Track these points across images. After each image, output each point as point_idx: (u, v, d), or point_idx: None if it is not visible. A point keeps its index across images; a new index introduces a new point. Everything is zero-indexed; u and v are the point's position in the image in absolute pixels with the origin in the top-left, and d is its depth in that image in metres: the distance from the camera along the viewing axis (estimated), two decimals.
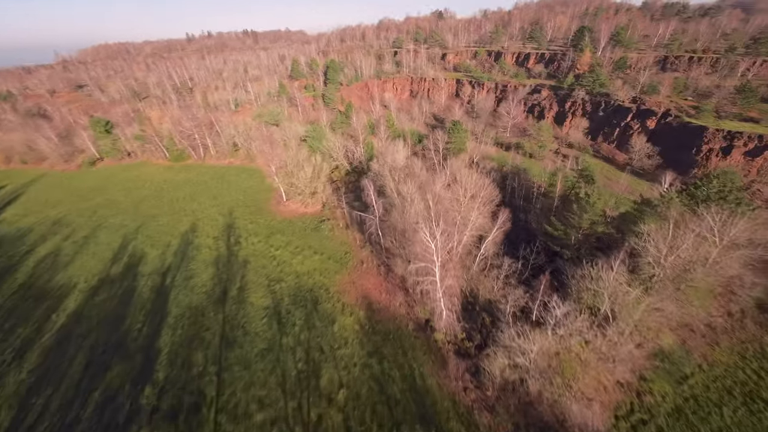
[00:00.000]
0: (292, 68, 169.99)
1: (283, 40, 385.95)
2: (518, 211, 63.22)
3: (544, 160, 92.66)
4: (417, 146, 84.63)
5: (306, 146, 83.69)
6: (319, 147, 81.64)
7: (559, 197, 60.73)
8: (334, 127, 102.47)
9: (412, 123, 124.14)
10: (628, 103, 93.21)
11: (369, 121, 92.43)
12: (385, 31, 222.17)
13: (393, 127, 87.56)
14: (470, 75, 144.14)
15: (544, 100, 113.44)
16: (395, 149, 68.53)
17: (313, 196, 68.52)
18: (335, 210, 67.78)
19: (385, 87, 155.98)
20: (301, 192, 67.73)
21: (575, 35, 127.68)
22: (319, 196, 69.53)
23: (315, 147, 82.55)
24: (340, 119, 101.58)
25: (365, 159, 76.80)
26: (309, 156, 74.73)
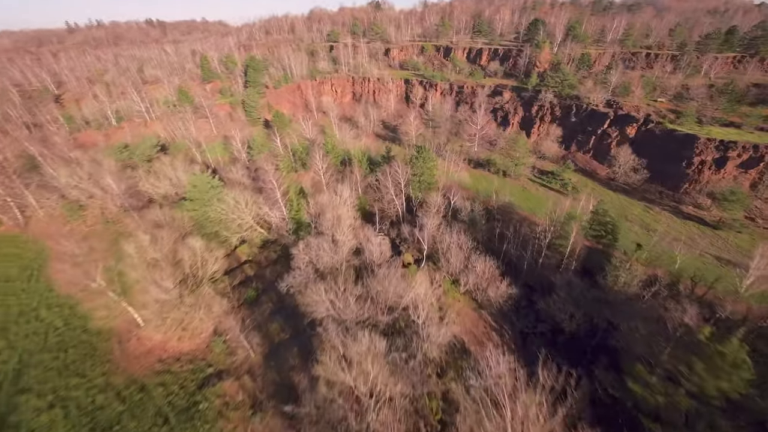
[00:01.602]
0: (202, 67, 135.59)
1: (199, 32, 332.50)
2: (523, 285, 44.82)
3: (521, 179, 77.39)
4: (369, 176, 62.77)
5: (188, 208, 51.56)
6: (206, 215, 49.30)
7: (578, 259, 43.85)
8: (252, 149, 75.59)
9: (358, 136, 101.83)
10: (603, 107, 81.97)
11: (299, 145, 67.58)
12: (317, 23, 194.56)
13: (334, 150, 64.20)
14: (420, 74, 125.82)
15: (507, 103, 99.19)
16: (336, 205, 45.46)
17: (184, 324, 37.35)
18: (236, 350, 37.17)
19: (322, 89, 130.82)
20: (166, 313, 37.30)
21: (528, 29, 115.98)
22: (199, 321, 37.93)
23: (200, 217, 49.87)
24: (259, 141, 74.91)
25: (291, 226, 50.10)
26: (182, 237, 45.65)
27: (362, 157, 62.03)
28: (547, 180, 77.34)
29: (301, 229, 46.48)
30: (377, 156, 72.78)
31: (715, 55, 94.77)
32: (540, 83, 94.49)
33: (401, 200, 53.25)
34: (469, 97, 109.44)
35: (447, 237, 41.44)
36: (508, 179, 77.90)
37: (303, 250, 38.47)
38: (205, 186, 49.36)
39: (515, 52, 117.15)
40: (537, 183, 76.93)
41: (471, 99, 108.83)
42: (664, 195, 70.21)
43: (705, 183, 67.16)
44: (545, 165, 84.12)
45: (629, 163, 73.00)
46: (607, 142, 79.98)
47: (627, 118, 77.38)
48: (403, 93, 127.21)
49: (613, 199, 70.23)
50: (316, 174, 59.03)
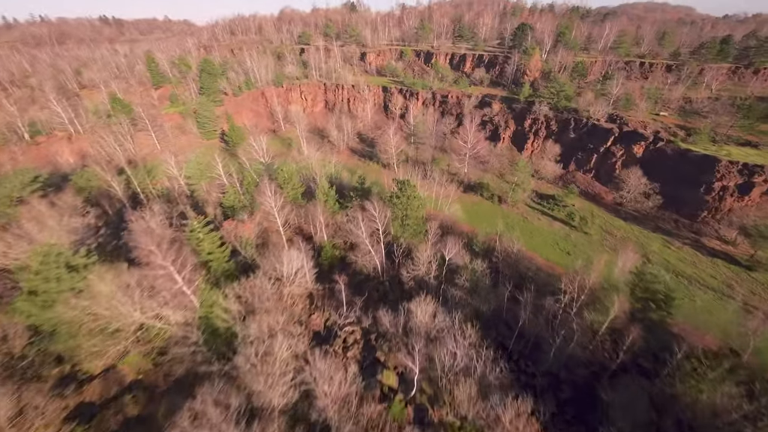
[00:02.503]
0: (150, 70, 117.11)
1: (161, 32, 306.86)
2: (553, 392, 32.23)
3: (518, 206, 66.12)
4: (338, 214, 48.90)
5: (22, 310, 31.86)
6: (58, 319, 30.64)
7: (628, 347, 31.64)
8: (190, 177, 59.67)
9: (329, 153, 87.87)
10: (606, 122, 72.56)
11: (253, 169, 52.61)
12: (287, 24, 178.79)
13: (291, 181, 49.75)
14: (399, 81, 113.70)
15: (497, 115, 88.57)
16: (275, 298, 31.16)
17: None
18: None
19: (290, 97, 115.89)
20: None
21: (514, 35, 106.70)
22: None
23: (45, 323, 31.40)
24: (196, 165, 59.09)
25: (199, 336, 31.44)
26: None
27: (328, 191, 48.15)
28: (548, 206, 66.65)
29: (217, 340, 31.14)
30: (350, 182, 59.17)
31: (715, 65, 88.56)
32: (533, 94, 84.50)
33: (380, 253, 40.08)
34: (455, 107, 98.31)
35: (447, 340, 28.36)
36: (505, 206, 66.58)
37: (211, 388, 23.72)
38: (53, 267, 30.65)
39: (501, 58, 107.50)
40: (537, 210, 66.03)
41: (457, 109, 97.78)
42: (680, 224, 61.00)
43: (727, 211, 58.44)
44: (542, 186, 73.76)
45: (640, 187, 63.54)
46: (612, 161, 70.53)
47: (633, 136, 68.20)
48: (382, 102, 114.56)
49: (626, 230, 60.24)
50: (267, 219, 44.56)
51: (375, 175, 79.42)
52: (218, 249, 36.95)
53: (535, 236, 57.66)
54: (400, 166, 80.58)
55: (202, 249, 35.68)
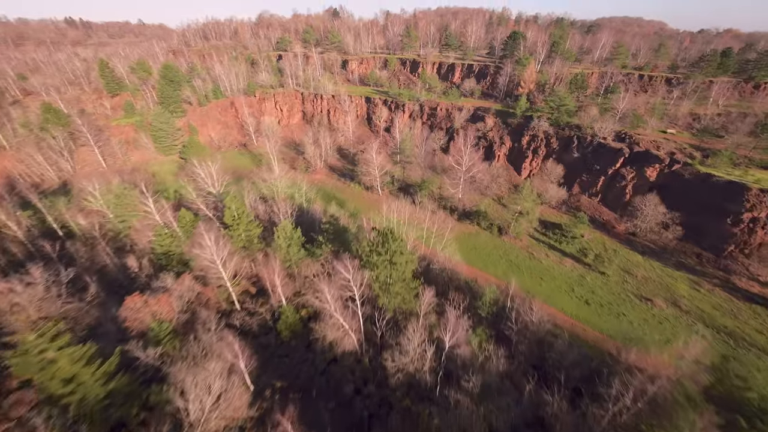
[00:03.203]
0: (103, 76, 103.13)
1: (132, 35, 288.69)
2: None
3: (522, 238, 56.55)
4: (301, 263, 37.63)
5: None
6: None
7: None
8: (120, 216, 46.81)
9: (303, 173, 76.82)
10: (614, 141, 64.53)
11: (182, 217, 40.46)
12: (265, 29, 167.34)
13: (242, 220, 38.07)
14: (383, 91, 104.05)
15: (491, 131, 79.75)
16: None
17: None
18: None
19: (264, 107, 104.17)
20: None
21: (506, 44, 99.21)
22: None
23: None
24: (122, 195, 46.19)
25: None
26: None
27: (292, 234, 36.58)
28: (555, 238, 57.49)
29: None
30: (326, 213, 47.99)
31: (718, 79, 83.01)
32: (530, 108, 76.21)
33: (357, 331, 29.18)
34: (444, 120, 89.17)
35: None
36: (506, 238, 56.94)
37: None
38: None
39: (493, 69, 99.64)
40: (543, 243, 56.72)
41: (446, 123, 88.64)
42: (704, 260, 52.87)
43: (757, 246, 50.66)
44: (546, 212, 64.81)
45: (657, 217, 55.25)
46: (621, 185, 62.37)
47: (646, 157, 60.30)
48: (365, 113, 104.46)
49: (646, 268, 51.53)
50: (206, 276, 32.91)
51: (356, 201, 68.66)
52: (86, 369, 21.47)
53: (545, 279, 48.01)
54: (385, 188, 70.14)
55: (51, 376, 20.65)
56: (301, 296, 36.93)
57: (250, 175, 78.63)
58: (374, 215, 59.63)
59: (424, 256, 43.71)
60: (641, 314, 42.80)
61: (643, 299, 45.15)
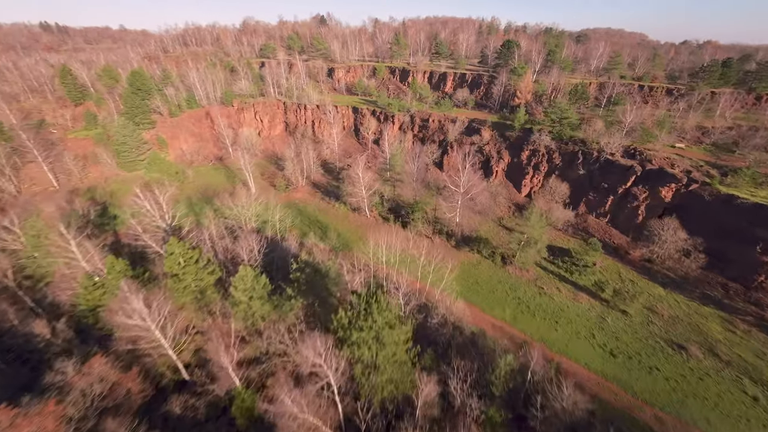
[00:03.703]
0: (64, 83, 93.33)
1: (111, 41, 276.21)
2: None
3: (530, 270, 49.50)
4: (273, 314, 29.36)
5: None
6: None
7: None
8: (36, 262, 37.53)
9: (284, 190, 68.81)
10: (623, 158, 58.69)
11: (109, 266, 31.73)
12: (250, 36, 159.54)
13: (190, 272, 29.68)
14: (371, 101, 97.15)
15: (488, 145, 73.37)
16: None
17: None
18: None
19: (242, 118, 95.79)
20: None
21: (500, 52, 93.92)
22: None
23: None
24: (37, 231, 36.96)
25: None
26: None
27: (254, 282, 28.35)
28: (565, 267, 50.71)
29: None
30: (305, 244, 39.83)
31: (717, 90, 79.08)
32: (529, 121, 70.22)
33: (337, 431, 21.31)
34: (437, 133, 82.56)
35: None
36: (511, 269, 49.82)
37: None
38: None
39: (486, 78, 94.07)
40: (553, 274, 49.77)
41: (439, 136, 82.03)
42: (731, 292, 46.81)
43: None
44: (551, 235, 58.02)
45: (678, 243, 49.10)
46: (633, 205, 56.36)
47: (660, 176, 54.49)
48: (352, 124, 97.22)
49: (671, 303, 45.04)
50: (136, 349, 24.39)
51: (341, 224, 60.72)
52: None
53: (561, 322, 40.85)
54: (374, 209, 62.48)
55: None
56: (265, 364, 28.62)
57: (222, 194, 70.00)
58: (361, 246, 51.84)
59: (420, 304, 35.95)
60: (677, 367, 35.95)
61: (675, 346, 38.40)
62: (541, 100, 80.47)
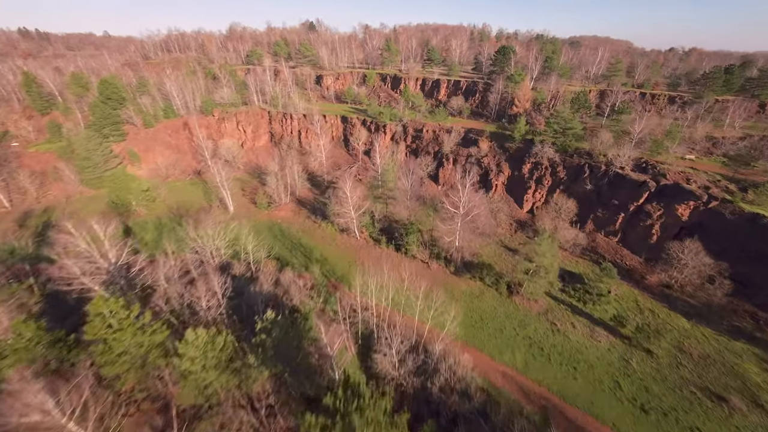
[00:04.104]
0: (28, 92, 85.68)
1: (94, 47, 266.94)
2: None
3: (539, 300, 43.77)
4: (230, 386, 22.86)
5: None
6: None
7: None
8: None
9: (266, 208, 62.24)
10: (633, 172, 53.78)
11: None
12: (236, 42, 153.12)
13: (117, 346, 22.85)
14: (362, 109, 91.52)
15: (486, 157, 68.12)
16: None
17: None
18: None
19: (223, 128, 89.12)
20: None
21: (495, 59, 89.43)
22: None
23: None
24: None
25: None
26: None
27: (208, 348, 21.91)
28: (577, 296, 45.17)
29: None
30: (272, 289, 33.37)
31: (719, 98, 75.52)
32: (531, 131, 65.23)
33: None
34: (432, 144, 77.11)
35: None
36: (518, 299, 44.05)
37: None
38: None
39: (482, 86, 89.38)
40: (565, 306, 44.14)
41: (434, 147, 76.59)
42: (762, 323, 41.72)
43: None
44: (567, 259, 52.57)
45: (702, 268, 44.01)
46: (646, 224, 51.36)
47: (676, 192, 49.63)
48: (341, 134, 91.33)
49: (699, 339, 39.69)
50: None
51: (327, 249, 54.33)
52: None
53: (580, 369, 35.04)
54: (364, 230, 56.31)
55: None
56: None
57: (197, 213, 63.20)
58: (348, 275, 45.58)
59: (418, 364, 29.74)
60: (720, 427, 30.34)
61: (714, 398, 32.85)
62: (540, 109, 75.86)
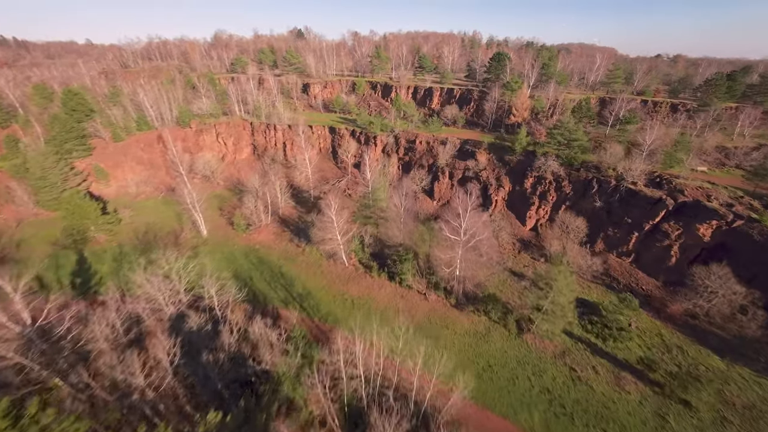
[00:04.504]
0: None
1: (76, 55, 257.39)
2: None
3: (554, 342, 37.97)
4: None
5: None
6: None
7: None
8: None
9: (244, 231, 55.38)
10: (647, 187, 48.89)
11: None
12: (221, 50, 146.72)
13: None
14: (351, 119, 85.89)
15: (485, 170, 62.85)
16: None
17: None
18: None
19: (202, 141, 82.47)
20: None
21: (490, 66, 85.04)
22: None
23: None
24: None
25: None
26: None
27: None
28: (596, 331, 39.62)
29: None
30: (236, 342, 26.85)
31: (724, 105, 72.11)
32: (532, 143, 60.29)
33: None
34: (425, 156, 71.70)
35: None
36: (530, 338, 38.22)
37: None
38: None
39: (477, 94, 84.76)
40: (583, 344, 38.44)
41: (428, 159, 71.18)
42: None
43: None
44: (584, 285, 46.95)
45: (732, 297, 38.92)
46: (664, 244, 46.38)
47: (695, 210, 44.83)
48: (329, 146, 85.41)
49: (739, 384, 34.29)
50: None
51: (311, 277, 47.85)
52: None
53: (611, 430, 29.08)
54: (353, 256, 50.07)
55: None
56: None
57: (166, 237, 56.21)
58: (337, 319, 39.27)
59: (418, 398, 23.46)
60: None
61: None
62: (539, 119, 71.33)
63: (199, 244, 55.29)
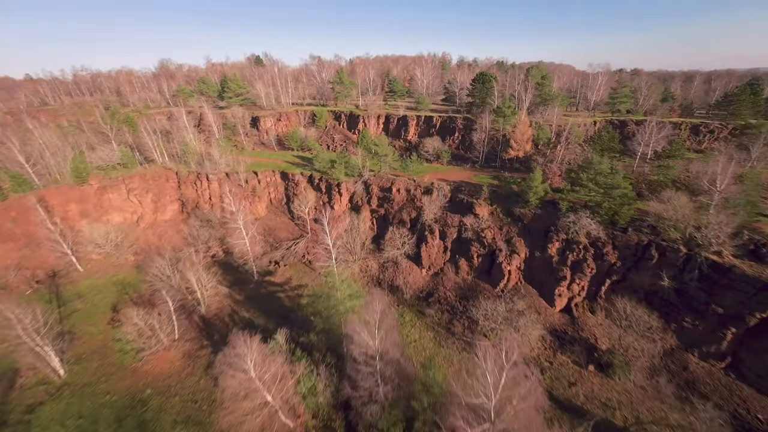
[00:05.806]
0: None
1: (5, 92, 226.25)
2: None
3: None
4: None
5: None
6: None
7: None
8: None
9: (134, 360, 32.85)
10: (742, 260, 32.26)
11: None
12: (164, 81, 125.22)
13: None
14: (308, 161, 66.92)
15: (488, 229, 44.92)
16: None
17: None
18: None
19: (107, 201, 60.30)
20: None
21: (473, 88, 69.66)
22: None
23: None
24: None
25: None
26: None
27: None
28: None
29: None
30: None
31: None
32: (549, 191, 43.38)
33: None
34: (406, 208, 53.26)
35: None
36: None
37: None
38: None
39: (461, 122, 68.71)
40: None
41: (410, 213, 52.70)
42: None
43: None
44: (631, 396, 28.78)
45: None
46: (735, 335, 29.36)
47: None
48: (282, 196, 65.60)
49: None
50: None
51: None
52: None
53: None
54: (303, 408, 29.25)
55: None
56: None
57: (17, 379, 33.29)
58: None
59: None
60: None
61: None
62: (542, 151, 55.57)
63: (47, 397, 32.78)
